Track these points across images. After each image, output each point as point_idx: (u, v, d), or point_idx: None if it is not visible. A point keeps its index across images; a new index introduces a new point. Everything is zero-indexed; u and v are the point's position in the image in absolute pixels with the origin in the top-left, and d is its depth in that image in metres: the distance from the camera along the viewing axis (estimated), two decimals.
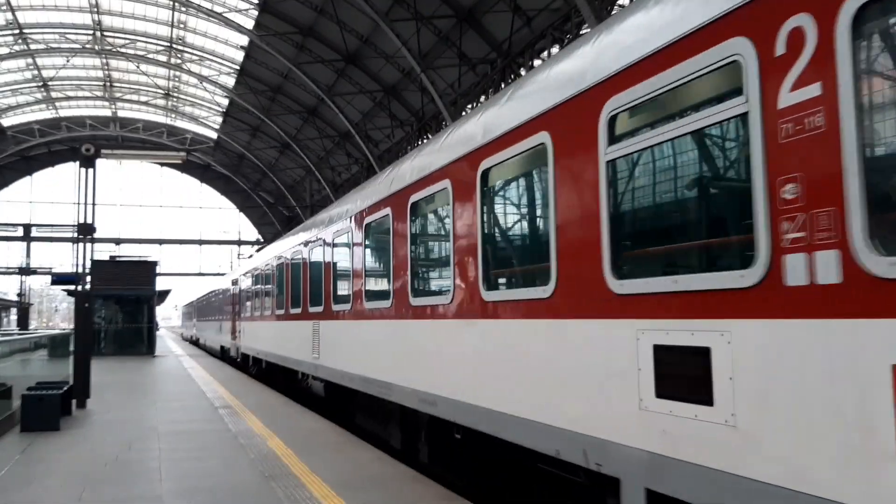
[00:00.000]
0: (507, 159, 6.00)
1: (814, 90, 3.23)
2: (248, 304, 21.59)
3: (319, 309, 12.49)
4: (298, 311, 14.32)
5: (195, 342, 50.09)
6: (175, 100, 58.48)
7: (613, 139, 4.62)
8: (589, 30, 22.59)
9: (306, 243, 13.92)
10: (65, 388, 12.34)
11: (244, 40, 42.59)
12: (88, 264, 14.86)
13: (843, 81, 3.09)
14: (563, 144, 5.18)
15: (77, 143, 30.90)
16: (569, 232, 5.10)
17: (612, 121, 4.61)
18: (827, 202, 3.15)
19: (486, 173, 6.40)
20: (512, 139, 5.90)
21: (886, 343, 2.88)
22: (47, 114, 60.86)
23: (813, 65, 3.25)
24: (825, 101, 3.18)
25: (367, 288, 9.91)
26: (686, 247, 4.31)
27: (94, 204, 14.66)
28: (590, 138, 4.78)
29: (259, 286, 19.57)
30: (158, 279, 35.34)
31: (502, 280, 6.38)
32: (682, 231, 4.39)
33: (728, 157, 4.03)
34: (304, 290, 13.85)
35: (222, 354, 30.14)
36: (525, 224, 6.15)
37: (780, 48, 3.42)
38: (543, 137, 5.41)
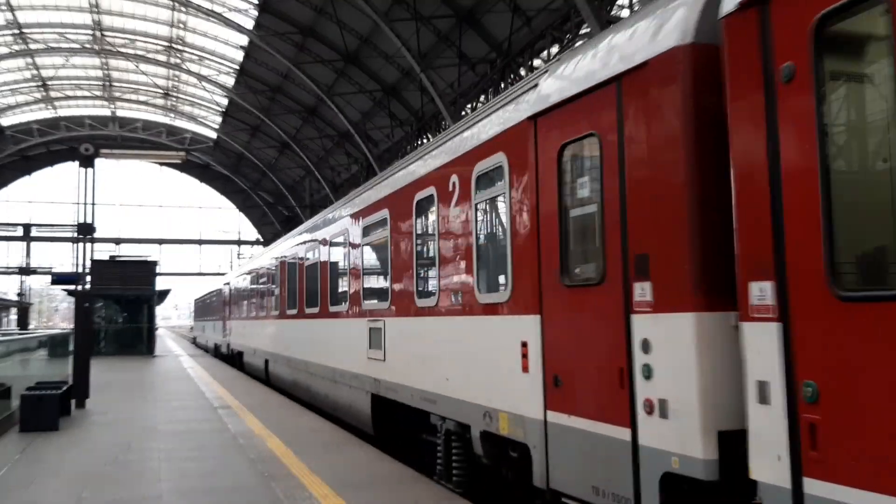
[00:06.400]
0: None
1: None
2: None
3: None
4: None
5: (226, 357, 29.07)
6: (174, 99, 58.46)
7: None
8: (588, 29, 22.68)
9: None
10: (64, 388, 12.34)
11: (244, 40, 42.55)
12: (88, 264, 14.86)
13: None
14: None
15: (76, 143, 30.91)
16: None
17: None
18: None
19: None
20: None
21: None
22: (46, 113, 60.82)
23: None
24: None
25: None
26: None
27: (93, 204, 14.67)
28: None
29: None
30: (158, 279, 35.32)
31: None
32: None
33: None
34: None
35: (378, 431, 10.30)
36: None
37: None
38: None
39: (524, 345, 5.86)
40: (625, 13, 23.28)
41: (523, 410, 5.13)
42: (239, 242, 72.68)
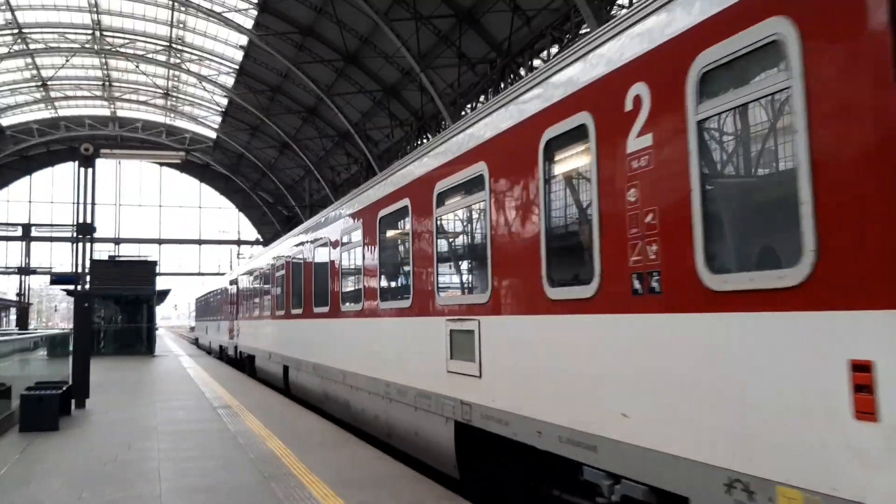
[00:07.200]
0: None
1: None
2: None
3: None
4: None
5: (234, 361, 26.12)
6: (174, 99, 58.47)
7: None
8: (588, 29, 22.67)
9: None
10: (64, 388, 12.33)
11: (244, 40, 42.58)
12: (88, 264, 14.85)
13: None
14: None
15: (76, 143, 30.84)
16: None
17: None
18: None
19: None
20: None
21: None
22: (46, 113, 60.84)
23: None
24: None
25: None
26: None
27: (93, 204, 14.65)
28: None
29: None
30: (158, 279, 35.33)
31: None
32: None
33: None
34: None
35: (466, 475, 7.67)
36: None
37: None
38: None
39: (861, 367, 3.23)
40: (624, 13, 23.25)
41: (859, 493, 3.12)
42: (239, 242, 72.70)
